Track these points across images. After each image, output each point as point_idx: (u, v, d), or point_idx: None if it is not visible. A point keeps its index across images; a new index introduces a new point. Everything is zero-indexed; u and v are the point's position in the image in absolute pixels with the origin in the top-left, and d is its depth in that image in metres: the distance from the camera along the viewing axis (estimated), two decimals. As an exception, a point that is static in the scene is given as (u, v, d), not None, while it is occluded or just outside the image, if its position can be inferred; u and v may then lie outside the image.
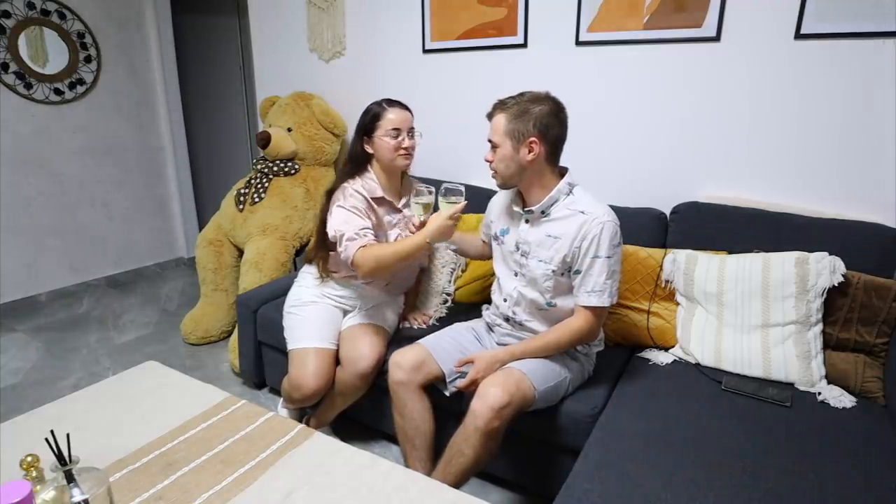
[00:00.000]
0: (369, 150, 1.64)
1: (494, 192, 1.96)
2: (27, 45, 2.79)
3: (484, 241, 1.67)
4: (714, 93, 1.78)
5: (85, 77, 3.03)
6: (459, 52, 2.23)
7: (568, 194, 1.40)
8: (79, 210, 3.14)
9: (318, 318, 1.68)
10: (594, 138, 2.00)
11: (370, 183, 1.64)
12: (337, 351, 1.66)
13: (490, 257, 1.63)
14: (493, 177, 1.42)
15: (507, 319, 1.54)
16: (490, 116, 1.39)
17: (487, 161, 1.41)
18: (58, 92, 2.93)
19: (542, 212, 1.41)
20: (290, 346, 1.66)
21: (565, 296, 1.43)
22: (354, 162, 1.67)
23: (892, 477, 1.09)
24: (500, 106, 1.36)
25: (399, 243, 1.47)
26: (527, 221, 1.45)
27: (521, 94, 1.36)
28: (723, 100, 1.77)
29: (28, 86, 2.81)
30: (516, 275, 1.49)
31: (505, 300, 1.52)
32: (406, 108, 1.66)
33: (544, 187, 1.40)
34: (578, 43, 1.96)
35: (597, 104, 1.98)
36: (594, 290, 1.35)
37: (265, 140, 2.39)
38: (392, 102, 1.65)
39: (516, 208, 1.46)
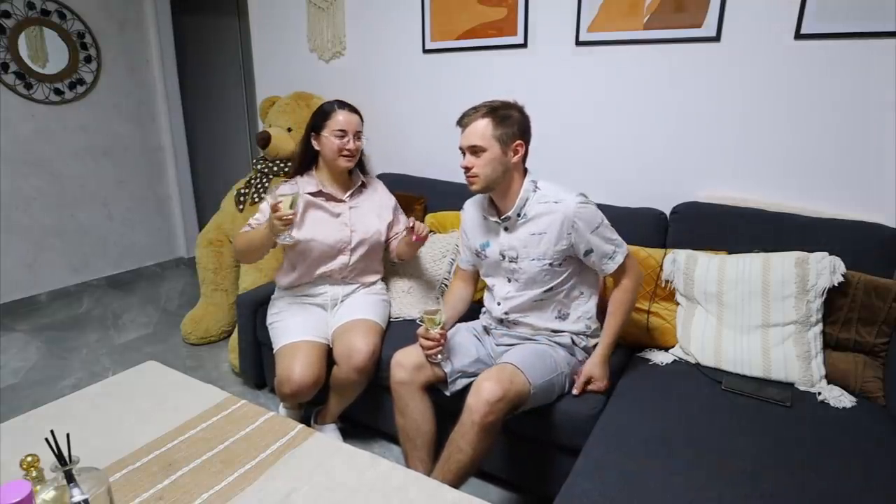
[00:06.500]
0: (316, 146, 1.75)
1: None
2: (27, 45, 2.79)
3: (467, 270, 1.68)
4: (714, 93, 1.78)
5: (85, 77, 3.03)
6: (459, 52, 2.23)
7: (535, 190, 1.44)
8: (79, 210, 3.14)
9: (297, 317, 1.71)
10: (594, 138, 2.01)
11: (306, 179, 1.77)
12: (326, 346, 1.67)
13: (473, 293, 1.71)
14: (472, 181, 1.42)
15: (500, 322, 1.56)
16: (464, 123, 1.42)
17: (466, 167, 1.42)
18: (58, 92, 2.93)
19: (518, 214, 1.44)
20: (275, 349, 1.67)
21: (557, 278, 1.46)
22: (300, 160, 1.80)
23: (892, 477, 1.09)
24: (476, 113, 1.40)
25: (252, 232, 1.65)
26: (506, 229, 1.48)
27: (490, 102, 1.41)
28: (723, 100, 1.77)
29: (28, 86, 2.81)
30: (510, 280, 1.51)
31: (499, 304, 1.53)
32: (356, 111, 1.75)
33: (516, 189, 1.45)
34: (578, 43, 1.96)
35: (597, 104, 1.98)
36: (614, 252, 1.42)
37: (265, 140, 2.39)
38: (343, 104, 1.74)
39: (492, 219, 1.49)
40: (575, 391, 1.44)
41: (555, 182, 1.47)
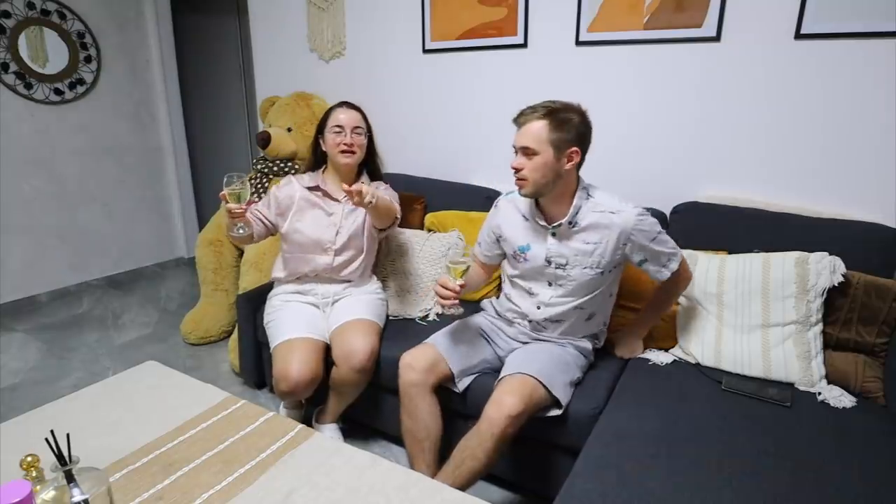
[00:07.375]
0: (323, 146, 1.79)
1: (495, 193, 1.96)
2: (27, 45, 2.79)
3: (484, 263, 1.65)
4: (714, 93, 1.78)
5: (85, 77, 3.03)
6: (459, 52, 2.23)
7: (587, 198, 1.42)
8: (79, 210, 3.14)
9: (292, 314, 1.72)
10: (594, 138, 2.00)
11: (309, 175, 1.83)
12: (324, 344, 1.67)
13: (487, 280, 1.70)
14: (521, 185, 1.37)
15: (530, 321, 1.54)
16: (520, 122, 1.36)
17: (516, 168, 1.36)
18: (58, 92, 2.93)
19: (570, 223, 1.41)
20: (272, 347, 1.67)
21: (604, 283, 1.47)
22: (310, 159, 1.87)
23: (892, 477, 1.09)
24: (533, 112, 1.34)
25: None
26: (553, 235, 1.44)
27: (552, 102, 1.35)
28: (723, 100, 1.77)
29: (28, 86, 2.81)
30: (551, 285, 1.48)
31: (539, 308, 1.51)
32: (355, 108, 1.77)
33: (568, 197, 1.41)
34: (578, 43, 1.96)
35: (597, 104, 1.95)
36: (670, 258, 1.44)
37: (265, 140, 2.39)
38: (344, 104, 1.78)
39: (541, 222, 1.45)
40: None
41: (608, 190, 1.44)
